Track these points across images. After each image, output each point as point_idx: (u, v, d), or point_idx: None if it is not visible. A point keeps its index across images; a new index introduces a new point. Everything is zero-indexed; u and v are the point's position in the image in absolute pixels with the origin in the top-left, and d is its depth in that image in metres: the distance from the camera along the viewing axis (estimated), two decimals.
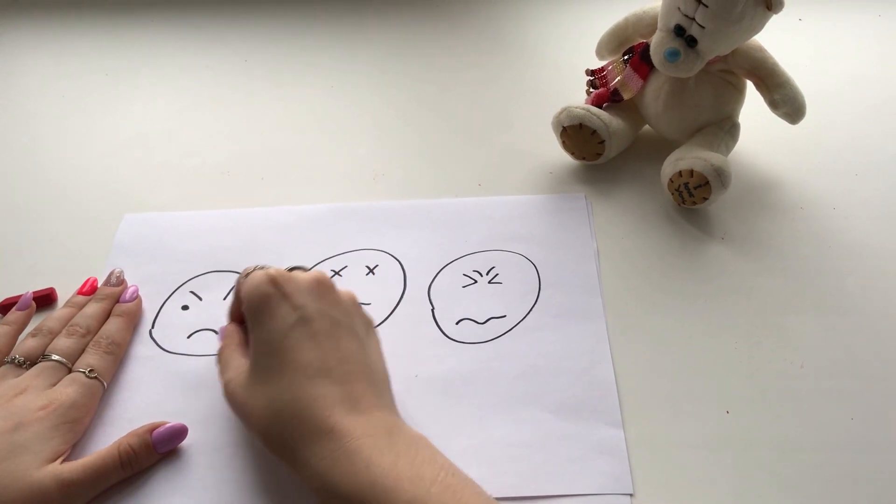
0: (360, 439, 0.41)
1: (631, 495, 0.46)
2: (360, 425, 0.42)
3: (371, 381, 0.45)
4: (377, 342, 0.50)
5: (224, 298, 0.58)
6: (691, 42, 0.58)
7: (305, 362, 0.44)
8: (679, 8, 0.57)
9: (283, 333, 0.45)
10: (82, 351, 0.52)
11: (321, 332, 0.45)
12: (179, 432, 0.49)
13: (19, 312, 0.55)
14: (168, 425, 0.49)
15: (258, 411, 0.44)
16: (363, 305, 0.57)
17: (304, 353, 0.44)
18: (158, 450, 0.48)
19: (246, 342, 0.49)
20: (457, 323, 0.56)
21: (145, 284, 0.59)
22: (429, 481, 0.39)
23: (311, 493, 0.42)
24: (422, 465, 0.40)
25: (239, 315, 0.51)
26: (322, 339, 0.45)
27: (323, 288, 0.48)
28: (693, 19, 0.57)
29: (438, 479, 0.40)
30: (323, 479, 0.41)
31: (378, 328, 0.55)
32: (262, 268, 0.49)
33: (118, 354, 0.53)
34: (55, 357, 0.50)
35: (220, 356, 0.50)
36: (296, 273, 0.48)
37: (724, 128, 0.63)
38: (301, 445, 0.42)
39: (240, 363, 0.48)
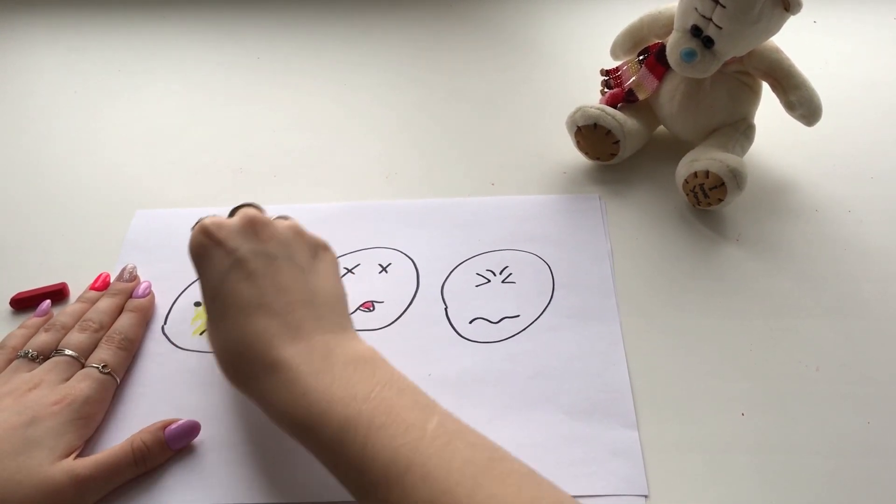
0: (298, 367, 0.42)
1: (645, 496, 0.46)
2: (299, 353, 0.43)
3: (312, 306, 0.46)
4: (329, 263, 0.50)
5: None
6: (708, 43, 0.58)
7: (244, 302, 0.45)
8: (696, 8, 0.57)
9: (221, 279, 0.46)
10: (95, 346, 0.52)
11: (257, 271, 0.46)
12: (192, 429, 0.49)
13: (37, 319, 0.55)
14: (181, 422, 0.49)
15: (217, 355, 0.46)
16: (375, 303, 0.57)
17: (242, 293, 0.45)
18: (172, 446, 0.48)
19: None
20: (470, 322, 0.56)
21: (157, 281, 0.59)
22: (361, 399, 0.40)
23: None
24: (357, 384, 0.41)
25: None
26: (258, 277, 0.46)
27: (255, 227, 0.48)
28: (710, 20, 0.57)
29: (372, 396, 0.40)
30: (274, 411, 0.43)
31: (390, 326, 0.56)
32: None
33: (131, 350, 0.53)
34: (68, 352, 0.50)
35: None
36: (230, 219, 0.49)
37: (740, 129, 0.63)
38: (253, 381, 0.43)
39: None
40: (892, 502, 0.46)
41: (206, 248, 0.47)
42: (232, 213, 0.51)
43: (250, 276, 0.46)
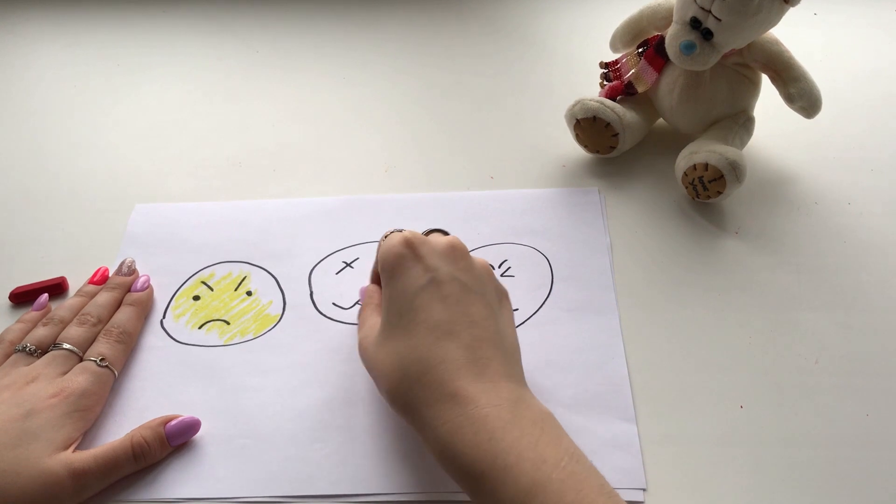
0: (485, 408, 0.40)
1: (644, 490, 0.46)
2: (486, 394, 0.41)
3: (500, 349, 0.44)
4: (510, 313, 0.49)
5: (235, 289, 0.58)
6: (707, 35, 0.58)
7: (434, 323, 0.43)
8: (695, 0, 0.57)
9: (414, 293, 0.44)
10: (93, 340, 0.52)
11: (451, 296, 0.44)
12: (192, 426, 0.49)
13: (35, 313, 0.55)
14: (181, 418, 0.49)
15: (386, 368, 0.44)
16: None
17: (433, 314, 0.44)
18: (171, 443, 0.48)
19: None
20: None
21: (156, 275, 0.59)
22: (551, 465, 0.38)
23: (431, 455, 0.42)
24: (546, 446, 0.39)
25: (379, 276, 0.51)
26: (451, 303, 0.44)
27: (456, 253, 0.47)
28: (709, 12, 0.56)
29: (561, 465, 0.38)
30: (444, 444, 0.40)
31: None
32: (400, 230, 0.48)
33: (129, 344, 0.53)
34: (66, 346, 0.51)
35: (360, 315, 0.50)
36: (431, 237, 0.48)
37: (739, 121, 0.63)
38: (425, 406, 0.41)
39: (375, 322, 0.47)
40: (890, 494, 0.46)
41: (405, 259, 0.46)
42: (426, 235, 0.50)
43: (444, 300, 0.44)
